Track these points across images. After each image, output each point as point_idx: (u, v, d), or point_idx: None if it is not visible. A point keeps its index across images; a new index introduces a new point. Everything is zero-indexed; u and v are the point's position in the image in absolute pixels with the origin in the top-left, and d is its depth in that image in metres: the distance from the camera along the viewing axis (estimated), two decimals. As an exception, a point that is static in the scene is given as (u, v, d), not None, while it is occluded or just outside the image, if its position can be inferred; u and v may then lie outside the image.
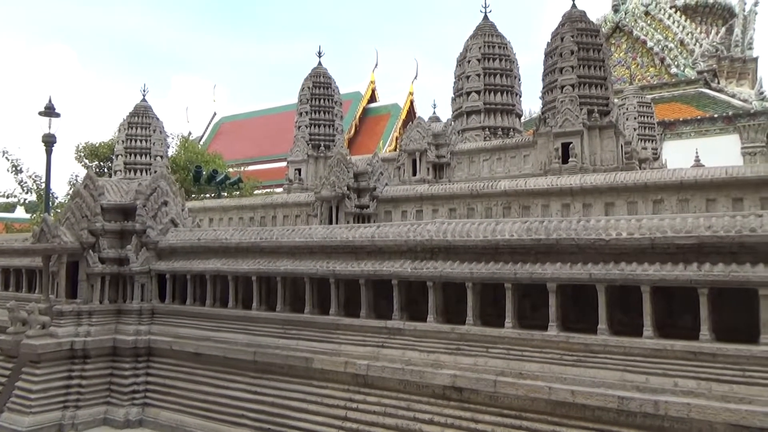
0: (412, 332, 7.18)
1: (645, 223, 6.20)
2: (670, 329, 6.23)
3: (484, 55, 18.37)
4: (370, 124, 36.80)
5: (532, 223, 6.76)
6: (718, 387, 5.52)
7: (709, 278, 5.72)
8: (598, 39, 15.46)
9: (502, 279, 6.67)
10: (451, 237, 7.07)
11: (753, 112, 28.71)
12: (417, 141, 15.80)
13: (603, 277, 6.17)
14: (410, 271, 7.21)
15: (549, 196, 12.45)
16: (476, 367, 6.57)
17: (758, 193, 11.42)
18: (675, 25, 33.12)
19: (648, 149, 19.15)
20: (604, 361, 6.08)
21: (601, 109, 15.05)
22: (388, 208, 13.62)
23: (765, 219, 5.76)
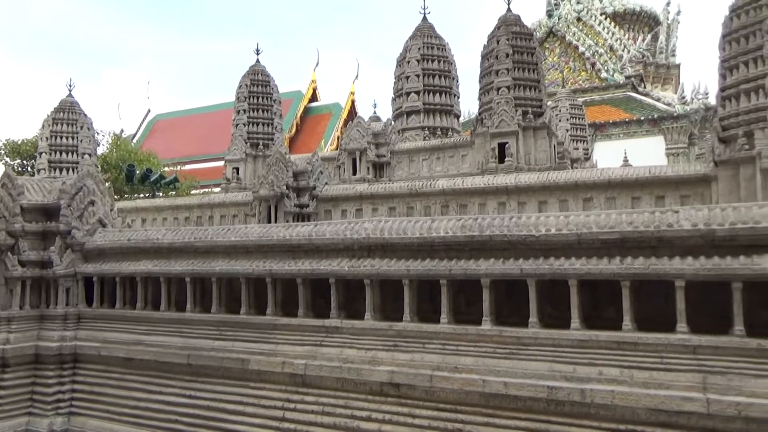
0: (350, 330, 7.18)
1: (572, 219, 6.45)
2: (596, 320, 6.50)
3: (423, 56, 18.61)
4: (312, 124, 36.54)
5: (466, 221, 6.89)
6: (639, 374, 5.81)
7: (630, 271, 6.01)
8: (532, 43, 15.97)
9: (437, 276, 6.77)
10: (388, 235, 7.11)
11: (676, 116, 30.42)
12: (357, 140, 15.82)
13: (533, 272, 6.37)
14: (348, 269, 7.20)
15: (485, 194, 12.76)
16: (413, 363, 6.65)
17: (678, 191, 12.13)
18: (605, 32, 34.65)
19: (579, 149, 19.94)
20: (535, 353, 6.28)
21: (535, 110, 15.56)
22: (328, 207, 13.57)
23: (681, 215, 6.11)
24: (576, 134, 21.15)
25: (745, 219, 5.78)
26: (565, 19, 34.98)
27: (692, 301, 6.09)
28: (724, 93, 12.14)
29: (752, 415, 5.28)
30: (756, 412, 5.27)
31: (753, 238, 5.72)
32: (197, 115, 39.83)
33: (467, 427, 6.23)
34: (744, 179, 11.36)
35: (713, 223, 5.85)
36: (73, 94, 12.68)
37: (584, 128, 21.68)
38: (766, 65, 11.24)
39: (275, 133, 17.17)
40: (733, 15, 11.98)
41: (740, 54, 11.75)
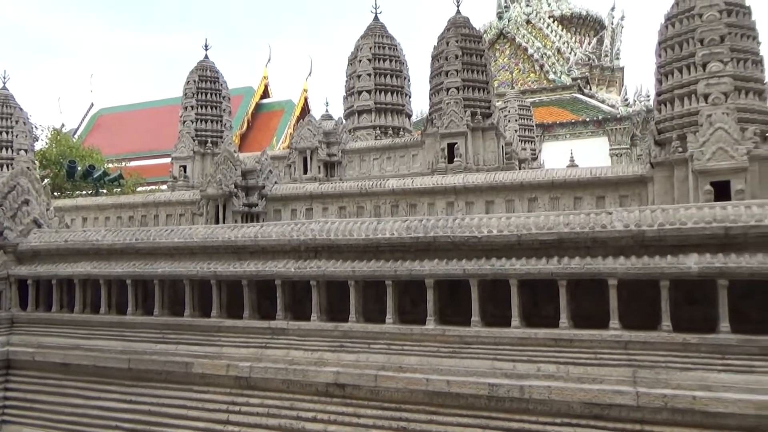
0: (296, 331, 7.16)
1: (513, 221, 6.63)
2: (536, 318, 6.72)
3: (374, 56, 18.68)
4: (264, 120, 36.06)
5: (411, 222, 6.99)
6: (574, 370, 6.05)
7: (567, 271, 6.24)
8: (480, 45, 16.27)
9: (383, 276, 6.84)
10: (334, 236, 7.13)
11: (619, 117, 31.58)
12: (308, 139, 15.74)
13: (476, 272, 6.52)
14: (294, 270, 7.18)
15: (434, 194, 12.95)
16: (358, 363, 6.70)
17: (618, 191, 12.62)
18: (553, 34, 35.61)
19: (527, 150, 20.45)
20: (477, 351, 6.44)
21: (484, 111, 15.87)
22: (277, 207, 13.47)
23: (614, 216, 6.38)
24: (524, 135, 21.67)
25: (672, 220, 6.09)
26: (514, 22, 35.75)
27: (625, 299, 6.38)
28: (660, 97, 12.70)
29: (677, 406, 5.59)
30: (681, 403, 5.58)
31: (679, 238, 6.04)
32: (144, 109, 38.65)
33: (411, 426, 6.33)
34: (678, 180, 11.93)
35: (643, 225, 6.14)
36: (7, 87, 12.12)
37: (532, 129, 22.23)
38: (698, 72, 11.82)
39: (224, 131, 16.89)
40: (668, 23, 12.54)
41: (674, 60, 12.32)
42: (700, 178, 11.32)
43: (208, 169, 15.85)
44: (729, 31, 11.84)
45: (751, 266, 5.72)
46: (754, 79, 11.97)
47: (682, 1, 12.41)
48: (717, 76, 11.59)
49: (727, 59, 11.69)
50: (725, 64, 11.68)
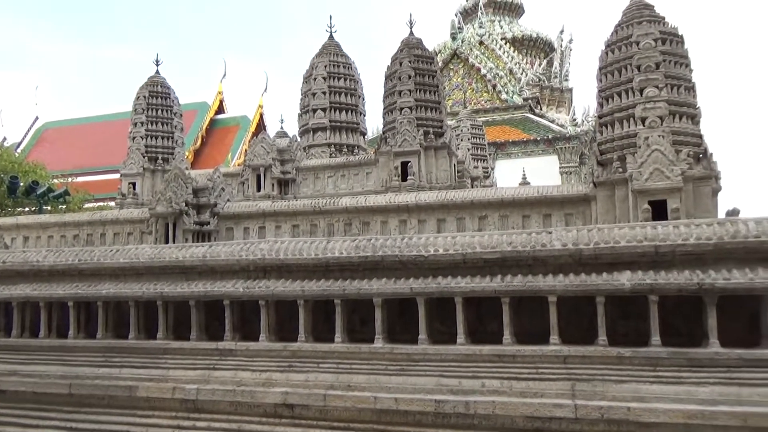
0: (245, 352, 7.13)
1: (458, 240, 6.83)
2: (481, 335, 6.91)
3: (329, 74, 18.81)
4: (219, 136, 35.65)
5: (360, 242, 7.10)
6: (517, 384, 6.24)
7: (510, 288, 6.46)
8: (433, 66, 16.66)
9: (332, 295, 6.91)
10: (284, 255, 7.16)
11: (568, 136, 32.69)
12: (261, 156, 15.67)
13: (422, 291, 6.67)
14: (243, 290, 7.16)
15: (387, 212, 13.09)
16: (307, 383, 6.71)
17: (563, 209, 13.06)
18: (505, 55, 36.69)
19: (480, 168, 20.90)
20: (424, 368, 6.56)
21: (436, 130, 16.19)
22: (229, 225, 13.33)
23: (554, 235, 6.66)
24: (477, 153, 22.15)
25: (607, 239, 6.41)
26: (468, 42, 36.68)
27: (565, 315, 6.64)
28: (601, 120, 13.29)
29: (613, 417, 5.84)
30: (616, 415, 5.83)
31: (613, 256, 6.36)
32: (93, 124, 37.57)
33: (360, 444, 6.38)
34: (619, 199, 12.46)
35: (580, 243, 6.43)
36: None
37: (484, 147, 22.76)
38: (635, 96, 12.45)
39: (176, 147, 16.64)
40: (608, 50, 13.19)
41: (614, 85, 12.94)
42: (639, 197, 11.85)
43: (158, 187, 15.55)
44: (664, 59, 12.53)
45: (679, 282, 6.07)
46: (687, 104, 12.69)
47: (621, 29, 13.09)
48: (653, 100, 12.23)
49: (662, 85, 12.36)
50: (660, 90, 12.34)
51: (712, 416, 5.63)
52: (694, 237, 6.18)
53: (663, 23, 13.06)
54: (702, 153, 12.61)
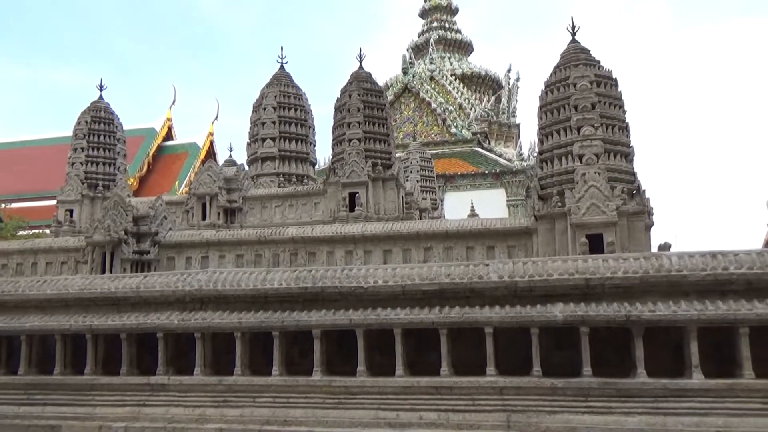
0: (178, 387, 6.89)
1: (398, 271, 6.89)
2: (420, 366, 6.93)
3: (279, 104, 18.84)
4: (166, 163, 34.90)
5: (300, 273, 7.06)
6: (454, 416, 6.27)
7: (447, 320, 6.54)
8: (382, 99, 16.97)
9: (270, 327, 6.80)
10: (221, 286, 7.03)
11: (515, 170, 33.66)
12: (207, 185, 15.43)
13: (362, 322, 6.66)
14: (177, 322, 6.97)
15: (334, 243, 13.07)
16: (242, 419, 6.54)
17: (506, 241, 13.36)
18: (455, 91, 37.75)
19: (428, 200, 21.22)
20: (362, 401, 6.51)
21: (385, 162, 16.39)
22: (171, 254, 12.97)
23: (491, 268, 6.82)
24: (425, 185, 22.49)
25: (541, 272, 6.60)
26: (419, 77, 37.58)
27: (502, 346, 6.75)
28: (542, 156, 13.81)
29: (546, 449, 5.93)
30: (549, 446, 5.93)
31: (546, 288, 6.55)
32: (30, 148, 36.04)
33: (295, 481, 6.22)
34: (558, 232, 12.87)
35: (516, 276, 6.60)
36: None
37: (433, 179, 23.15)
38: (573, 134, 13.03)
39: (117, 174, 16.19)
40: (548, 90, 13.80)
41: (553, 123, 13.51)
42: (577, 231, 12.28)
43: (97, 214, 15.04)
44: (599, 100, 13.20)
45: (608, 314, 6.30)
46: (621, 143, 13.36)
47: (559, 71, 13.74)
48: (589, 139, 12.82)
49: (597, 124, 12.98)
50: (596, 129, 12.95)
51: (640, 445, 5.80)
52: (622, 270, 6.45)
53: (598, 67, 13.80)
54: (635, 189, 13.25)
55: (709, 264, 6.36)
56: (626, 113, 13.88)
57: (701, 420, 5.88)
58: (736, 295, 6.26)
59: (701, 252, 6.58)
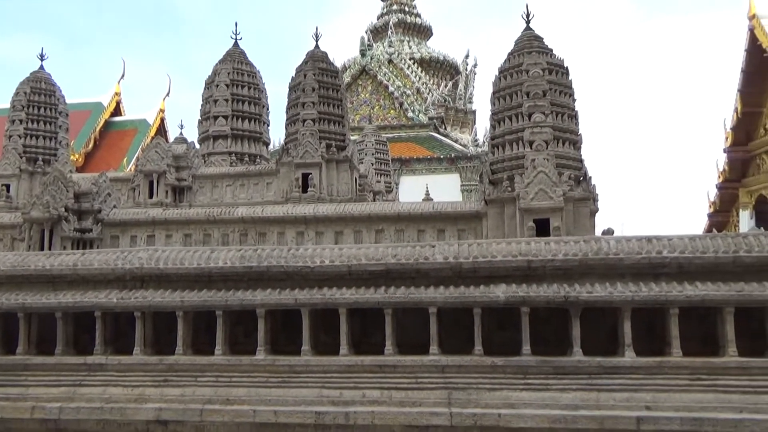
0: (116, 367, 6.73)
1: (345, 252, 6.89)
2: (365, 346, 6.97)
3: (232, 81, 18.41)
4: (114, 139, 33.68)
5: (245, 252, 6.96)
6: (397, 394, 6.36)
7: (392, 300, 6.59)
8: (337, 80, 16.79)
9: (213, 306, 6.70)
10: (163, 265, 6.87)
11: (470, 156, 34.06)
12: (155, 162, 14.99)
13: (307, 302, 6.64)
14: (116, 301, 6.77)
15: (285, 223, 12.95)
16: (183, 398, 6.44)
17: (456, 225, 13.56)
18: (413, 75, 37.73)
19: (382, 183, 21.24)
20: (306, 380, 6.52)
21: (339, 144, 16.29)
22: (115, 233, 12.58)
23: (436, 249, 6.90)
24: (380, 168, 22.49)
25: (485, 254, 6.73)
26: (377, 60, 37.36)
27: (446, 326, 6.86)
28: (494, 141, 14.00)
29: (485, 424, 6.10)
30: (488, 421, 6.09)
31: (490, 270, 6.68)
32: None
33: (236, 460, 6.20)
34: (507, 217, 13.14)
35: (460, 257, 6.70)
36: None
37: (388, 163, 23.16)
38: (524, 121, 13.25)
39: (59, 149, 15.52)
40: (501, 76, 13.96)
41: (506, 109, 13.70)
42: (525, 216, 12.57)
43: (36, 190, 14.41)
44: (550, 87, 13.46)
45: (548, 295, 6.48)
46: (569, 130, 13.68)
47: (513, 58, 13.92)
48: (540, 125, 13.08)
49: (548, 111, 13.25)
50: (546, 116, 13.22)
51: (574, 420, 6.03)
52: (563, 253, 6.64)
53: (551, 55, 14.04)
54: (582, 176, 13.62)
55: (645, 248, 6.61)
56: (576, 101, 14.20)
57: (631, 395, 6.14)
58: (669, 278, 6.53)
59: (638, 236, 6.83)
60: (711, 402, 6.03)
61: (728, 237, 6.69)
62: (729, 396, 6.07)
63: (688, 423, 5.86)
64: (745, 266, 6.40)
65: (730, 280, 6.40)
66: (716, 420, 5.84)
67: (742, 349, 6.29)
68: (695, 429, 5.85)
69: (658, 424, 5.87)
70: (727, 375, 6.21)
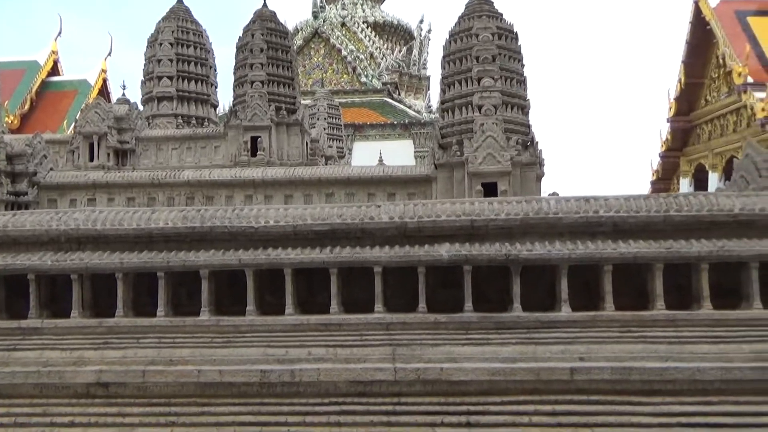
0: (53, 330, 6.54)
1: (290, 212, 6.84)
2: (311, 306, 7.00)
3: (177, 40, 17.74)
4: (53, 101, 31.98)
5: (188, 212, 6.82)
6: (342, 351, 6.44)
7: (338, 259, 6.62)
8: (287, 41, 16.40)
9: (154, 268, 6.57)
10: (101, 226, 6.66)
11: (423, 122, 34.12)
12: (95, 123, 14.40)
13: (251, 262, 6.60)
14: (51, 263, 6.55)
15: (233, 187, 12.77)
16: (125, 360, 6.35)
17: (406, 189, 13.68)
18: (366, 39, 37.21)
19: (334, 148, 21.11)
20: (251, 339, 6.52)
21: (289, 107, 16.03)
22: (53, 196, 12.11)
23: (382, 209, 6.93)
24: (332, 133, 22.31)
25: (430, 214, 6.81)
26: (330, 23, 36.63)
27: (392, 285, 6.96)
28: (443, 106, 14.07)
29: (428, 378, 6.27)
30: (431, 375, 6.27)
31: (435, 229, 6.78)
32: None
33: (181, 419, 6.18)
34: (456, 181, 13.33)
35: (405, 217, 6.77)
36: None
37: (340, 128, 22.98)
38: (473, 85, 13.34)
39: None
40: (451, 39, 13.95)
41: (456, 73, 13.74)
42: (473, 180, 12.79)
43: (-35, 152, 13.62)
44: (499, 52, 13.56)
45: (489, 254, 6.64)
46: (518, 95, 13.88)
47: (463, 21, 13.91)
48: (489, 90, 13.20)
49: (497, 76, 13.37)
50: (496, 81, 13.35)
51: (512, 372, 6.27)
52: (505, 213, 6.79)
53: (500, 19, 14.07)
54: (529, 141, 13.89)
55: (582, 208, 6.83)
56: (524, 67, 14.35)
57: (567, 348, 6.43)
58: (604, 236, 6.79)
59: (576, 197, 7.04)
60: (640, 352, 6.37)
61: (660, 197, 6.99)
62: (656, 346, 6.43)
63: (617, 372, 6.19)
64: (675, 225, 6.71)
65: (660, 238, 6.70)
66: (643, 369, 6.18)
67: (669, 303, 6.64)
68: (624, 377, 6.19)
69: (590, 373, 6.18)
70: (655, 327, 6.56)
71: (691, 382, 6.10)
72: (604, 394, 6.17)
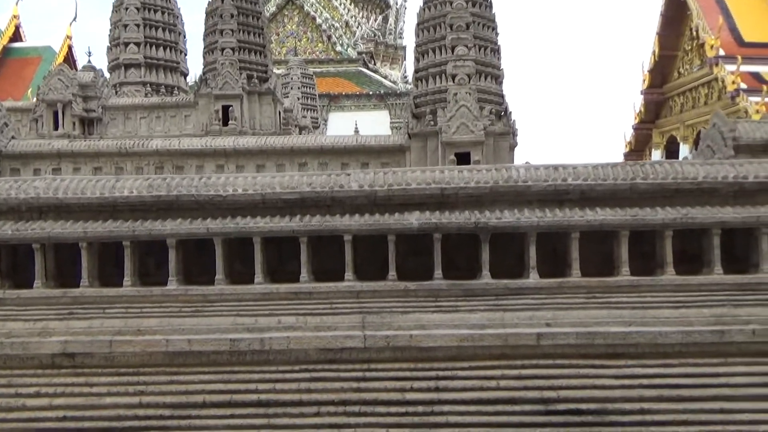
0: (16, 301, 6.42)
1: (259, 180, 6.75)
2: (281, 274, 6.97)
3: (144, 5, 17.16)
4: (15, 68, 30.83)
5: (154, 180, 6.69)
6: (312, 320, 6.46)
7: (308, 228, 6.59)
8: (258, 6, 15.97)
9: (119, 237, 6.46)
10: (63, 195, 6.49)
11: (399, 93, 33.82)
12: (59, 90, 13.94)
13: (220, 231, 6.52)
14: (11, 233, 6.38)
15: (204, 156, 12.55)
16: (91, 330, 6.27)
17: (380, 158, 13.61)
18: (341, 7, 36.47)
19: (308, 118, 20.84)
20: (220, 308, 6.49)
21: (261, 75, 15.71)
22: (15, 166, 11.75)
23: (351, 178, 6.88)
24: (307, 103, 22.00)
25: (400, 182, 6.79)
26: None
27: (362, 253, 6.96)
28: (417, 75, 13.94)
29: (398, 345, 6.33)
30: (400, 342, 6.34)
31: (405, 197, 6.77)
32: None
33: (150, 388, 6.16)
34: (430, 150, 13.31)
35: (376, 185, 6.74)
36: None
37: (315, 97, 22.67)
38: (447, 54, 13.22)
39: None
40: (425, 7, 13.75)
41: (429, 41, 13.58)
42: (447, 149, 12.77)
43: None
44: (473, 20, 13.41)
45: (459, 222, 6.67)
46: (492, 65, 13.80)
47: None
48: (462, 59, 13.09)
49: (471, 45, 13.26)
50: (469, 49, 13.24)
51: (480, 338, 6.37)
52: (474, 181, 6.80)
53: (475, -14, 13.86)
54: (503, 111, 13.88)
55: (551, 176, 6.88)
56: (498, 35, 14.24)
57: (534, 314, 6.54)
58: (572, 204, 6.87)
59: (545, 165, 7.08)
60: (604, 317, 6.51)
61: (627, 165, 7.07)
62: (620, 312, 6.58)
63: (582, 337, 6.34)
64: (641, 192, 6.81)
65: (626, 205, 6.80)
66: (607, 333, 6.33)
67: (634, 269, 6.78)
68: (588, 342, 6.34)
69: (556, 338, 6.31)
70: (620, 293, 6.70)
71: (653, 345, 6.27)
72: (570, 358, 6.32)
